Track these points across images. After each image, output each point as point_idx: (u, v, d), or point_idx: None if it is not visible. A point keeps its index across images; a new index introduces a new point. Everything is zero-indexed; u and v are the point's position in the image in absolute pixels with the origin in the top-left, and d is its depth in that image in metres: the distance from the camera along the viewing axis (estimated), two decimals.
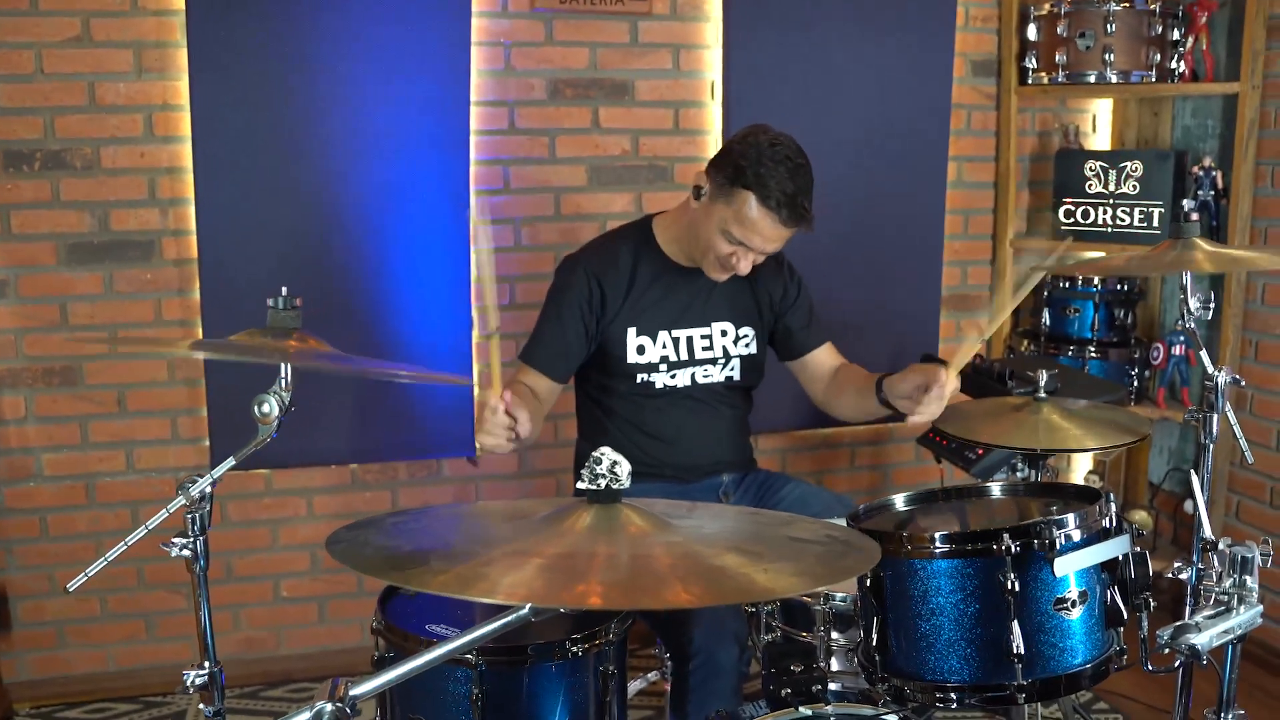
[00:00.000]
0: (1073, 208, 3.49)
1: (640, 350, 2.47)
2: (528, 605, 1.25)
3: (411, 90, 3.09)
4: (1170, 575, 2.15)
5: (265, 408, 1.65)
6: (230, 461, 1.72)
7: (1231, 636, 1.84)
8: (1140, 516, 3.64)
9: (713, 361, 2.52)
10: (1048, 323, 3.52)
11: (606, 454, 1.42)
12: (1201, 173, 3.31)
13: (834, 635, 2.02)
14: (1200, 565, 2.07)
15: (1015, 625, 1.59)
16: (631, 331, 2.46)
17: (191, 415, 3.15)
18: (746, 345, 2.56)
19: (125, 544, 1.69)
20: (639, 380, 2.48)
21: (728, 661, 2.14)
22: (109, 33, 2.96)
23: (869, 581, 1.70)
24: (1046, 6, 3.39)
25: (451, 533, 1.43)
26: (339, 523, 3.43)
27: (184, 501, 1.70)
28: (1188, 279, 1.96)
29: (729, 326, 2.53)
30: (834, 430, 3.63)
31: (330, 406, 3.15)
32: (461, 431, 3.29)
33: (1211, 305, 2.00)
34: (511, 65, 3.21)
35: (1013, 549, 1.58)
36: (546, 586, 1.21)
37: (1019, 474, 2.62)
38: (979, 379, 2.78)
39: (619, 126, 3.30)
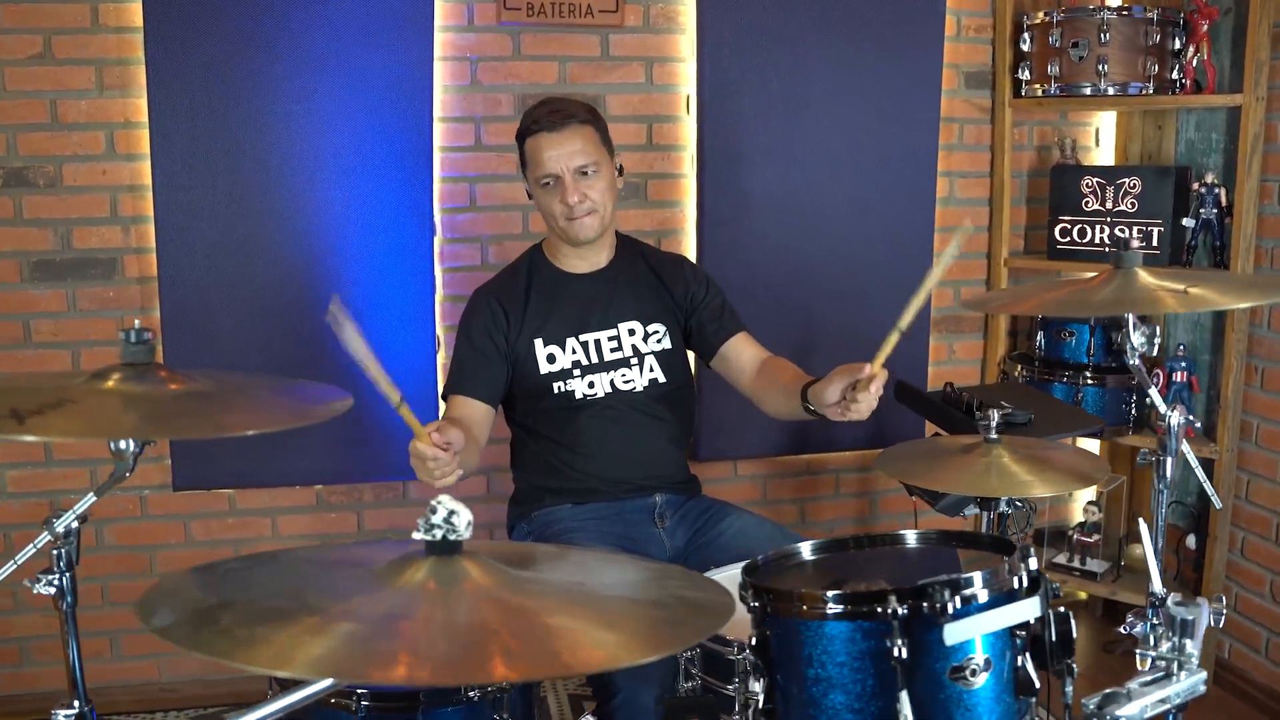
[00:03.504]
0: (1069, 226, 3.32)
1: (551, 359, 2.45)
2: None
3: (374, 106, 3.03)
4: (1124, 630, 2.02)
5: (123, 444, 1.60)
6: (91, 497, 1.71)
7: (1168, 707, 1.70)
8: (1140, 551, 3.46)
9: (626, 363, 2.47)
10: (1042, 347, 3.36)
11: (444, 502, 1.33)
12: (1204, 189, 3.13)
13: (754, 686, 1.91)
14: (1154, 621, 1.94)
15: (904, 696, 1.46)
16: (538, 342, 2.45)
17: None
18: (659, 340, 2.50)
19: None
20: (557, 391, 2.44)
21: (649, 702, 2.06)
22: (70, 50, 2.94)
23: (754, 640, 1.58)
24: (1040, 16, 3.23)
25: (273, 584, 1.34)
26: (304, 544, 3.38)
27: (49, 537, 1.67)
28: (1130, 316, 1.82)
29: (636, 325, 2.50)
30: (817, 456, 3.50)
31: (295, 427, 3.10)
32: None
33: (1158, 340, 1.85)
34: (478, 80, 3.13)
35: (900, 612, 1.46)
36: (347, 659, 1.11)
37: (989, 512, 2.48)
38: (947, 411, 2.64)
39: None
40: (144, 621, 1.20)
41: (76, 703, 1.71)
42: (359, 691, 1.79)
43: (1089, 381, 3.27)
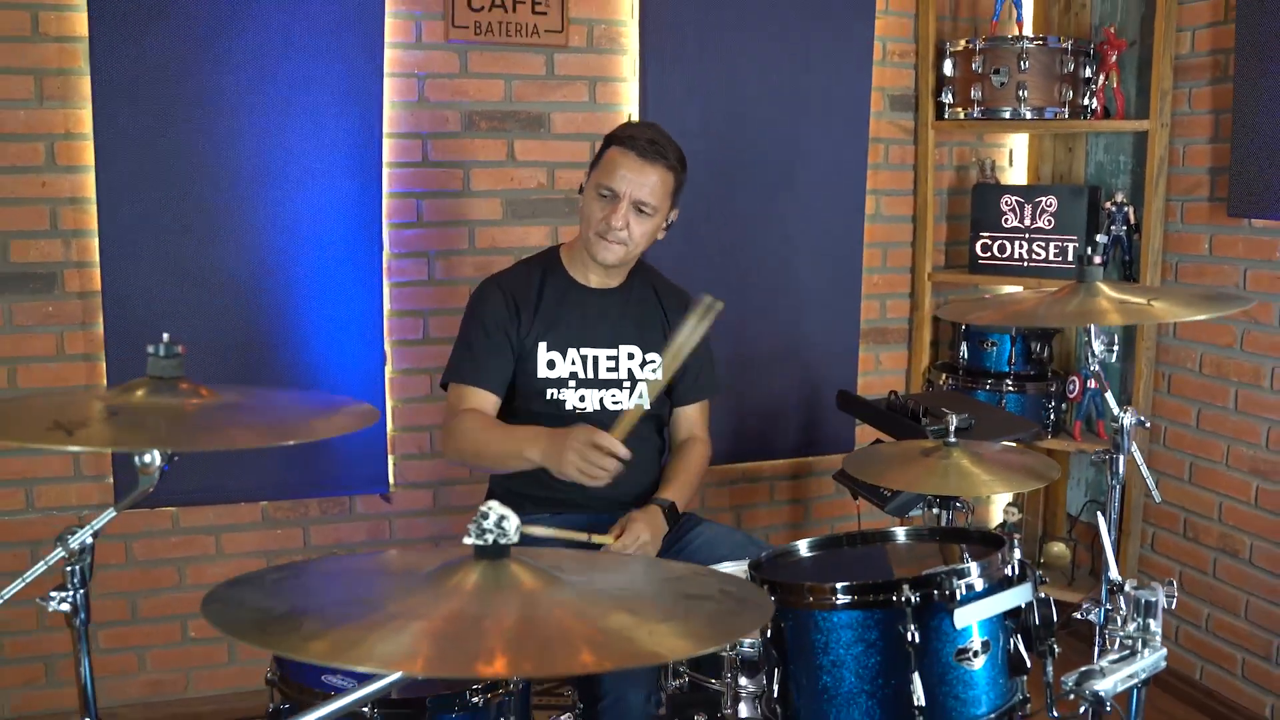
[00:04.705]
0: (989, 242, 3.52)
1: (550, 365, 2.48)
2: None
3: (323, 121, 3.04)
4: (1080, 616, 2.17)
5: (147, 457, 1.59)
6: (110, 512, 1.68)
7: (1136, 681, 1.84)
8: (1058, 549, 3.67)
9: (619, 385, 2.52)
10: (965, 357, 3.54)
11: (494, 508, 1.38)
12: (1114, 208, 3.36)
13: (742, 681, 2.00)
14: (1108, 606, 2.09)
15: (916, 677, 1.57)
16: (542, 346, 2.48)
17: (94, 452, 3.04)
18: (653, 370, 2.55)
19: (2, 597, 1.64)
20: (549, 397, 2.48)
21: (637, 703, 2.12)
22: (8, 59, 2.87)
23: (769, 632, 1.67)
24: (962, 43, 3.42)
25: (330, 591, 1.37)
26: (249, 561, 3.36)
27: (63, 554, 1.65)
28: (1092, 326, 1.97)
29: (636, 350, 2.55)
30: (753, 465, 3.61)
31: None
32: (374, 468, 3.23)
33: (1116, 348, 2.00)
34: (425, 97, 3.17)
35: (913, 600, 1.57)
36: (424, 654, 1.16)
37: (934, 511, 2.62)
38: (893, 417, 2.78)
39: (535, 159, 3.27)
40: (231, 634, 1.22)
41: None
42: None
43: (1010, 389, 3.46)
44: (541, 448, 2.28)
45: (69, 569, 1.64)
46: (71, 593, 1.64)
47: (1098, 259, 1.99)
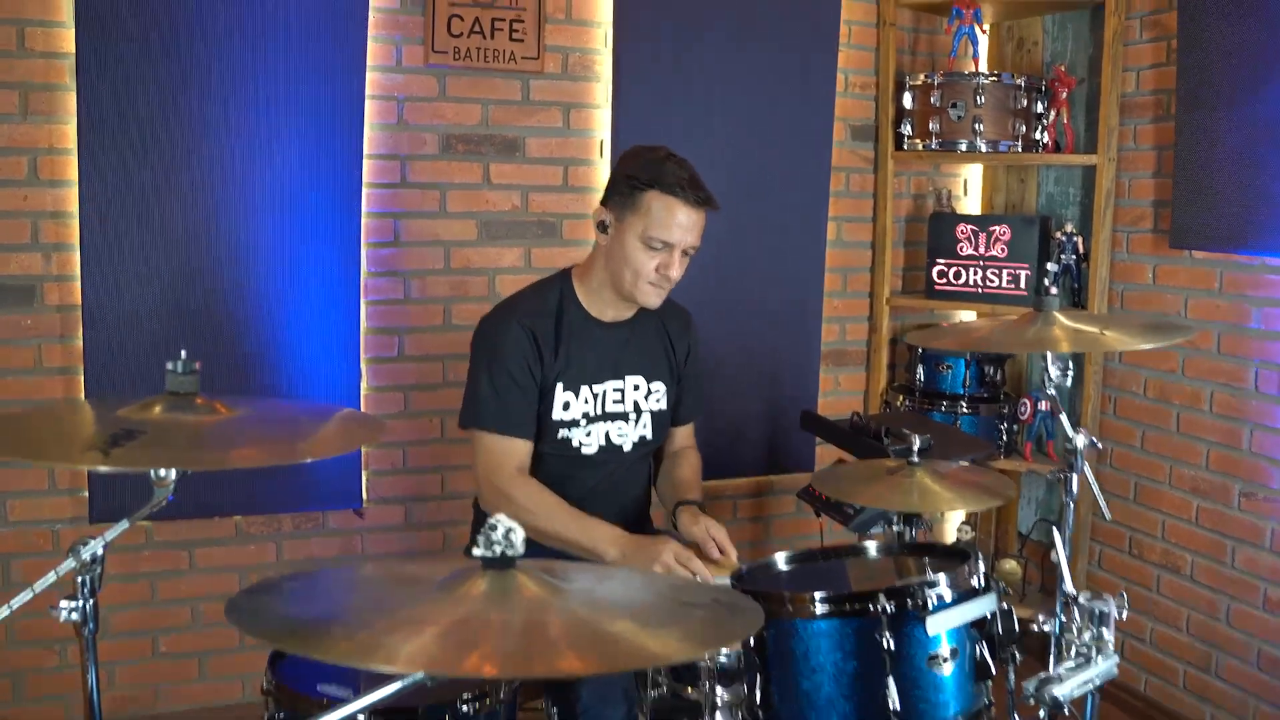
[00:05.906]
0: (945, 268, 3.66)
1: (566, 406, 2.45)
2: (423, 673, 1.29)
3: (304, 141, 3.11)
4: (1035, 627, 2.29)
5: (163, 471, 1.65)
6: (124, 524, 1.71)
7: (1091, 686, 1.97)
8: (1010, 566, 3.80)
9: (624, 417, 2.51)
10: (922, 379, 3.68)
11: (501, 521, 1.46)
12: (1064, 238, 3.51)
13: (719, 691, 2.09)
14: (1063, 618, 2.21)
15: (891, 682, 1.67)
16: (559, 387, 2.44)
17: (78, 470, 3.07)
18: (657, 400, 2.56)
19: (10, 607, 1.66)
20: (559, 437, 2.45)
21: (616, 718, 2.18)
22: None
23: (752, 640, 1.76)
24: (921, 77, 3.57)
25: (348, 598, 1.44)
26: (221, 576, 3.38)
27: (74, 564, 1.69)
28: (1049, 353, 2.09)
29: (641, 380, 2.54)
30: (716, 484, 3.70)
31: None
32: (348, 483, 3.28)
33: (1071, 372, 2.13)
34: (404, 120, 3.25)
35: (888, 609, 1.67)
36: (445, 655, 1.24)
37: (894, 528, 2.73)
38: (858, 437, 2.89)
39: (509, 182, 3.36)
40: (260, 638, 1.28)
41: None
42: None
43: (965, 411, 3.59)
44: (621, 550, 2.30)
45: (79, 579, 1.68)
46: (81, 602, 1.68)
47: (1054, 290, 2.10)
